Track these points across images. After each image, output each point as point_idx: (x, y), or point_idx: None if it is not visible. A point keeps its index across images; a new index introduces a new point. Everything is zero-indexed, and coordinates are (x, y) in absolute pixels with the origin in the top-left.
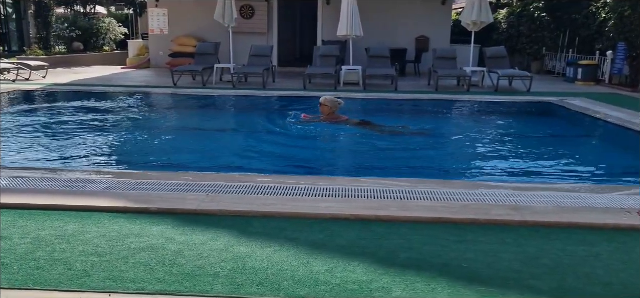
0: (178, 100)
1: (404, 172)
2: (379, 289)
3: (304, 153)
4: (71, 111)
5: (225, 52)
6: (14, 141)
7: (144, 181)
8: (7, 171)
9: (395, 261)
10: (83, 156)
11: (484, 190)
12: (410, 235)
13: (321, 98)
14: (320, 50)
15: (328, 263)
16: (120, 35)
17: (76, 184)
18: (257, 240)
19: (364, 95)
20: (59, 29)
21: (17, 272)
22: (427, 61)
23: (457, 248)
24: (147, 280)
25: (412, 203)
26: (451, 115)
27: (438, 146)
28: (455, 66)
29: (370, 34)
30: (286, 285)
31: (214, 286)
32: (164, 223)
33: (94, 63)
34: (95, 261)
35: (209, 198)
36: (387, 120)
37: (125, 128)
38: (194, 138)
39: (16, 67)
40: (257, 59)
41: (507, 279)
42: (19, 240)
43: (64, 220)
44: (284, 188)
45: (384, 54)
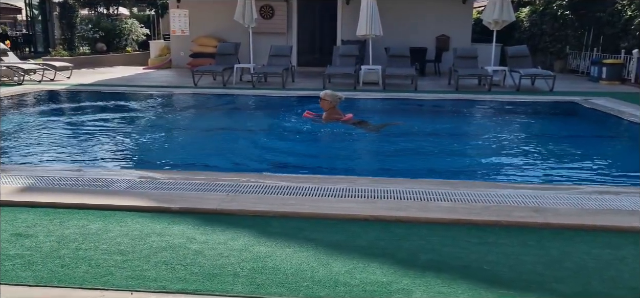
0: (199, 100)
1: (424, 173)
2: (399, 291)
3: (321, 153)
4: (95, 111)
5: (245, 53)
6: (40, 141)
7: (165, 181)
8: (33, 169)
9: (415, 262)
10: (106, 156)
11: (505, 191)
12: (430, 237)
13: (321, 93)
14: (340, 50)
15: (348, 264)
16: (142, 36)
17: (100, 184)
18: (276, 240)
19: (383, 95)
20: (83, 30)
21: (42, 270)
22: (447, 60)
23: (478, 250)
24: (168, 279)
25: (432, 204)
26: (472, 115)
27: (458, 147)
28: (476, 65)
29: (390, 34)
30: (306, 285)
31: (234, 286)
32: (185, 222)
33: (116, 64)
34: (118, 260)
35: (229, 198)
36: (406, 120)
37: (147, 128)
38: (214, 138)
39: (42, 68)
40: (277, 59)
41: (529, 282)
42: (44, 238)
43: (88, 218)
44: (304, 189)
45: (404, 54)
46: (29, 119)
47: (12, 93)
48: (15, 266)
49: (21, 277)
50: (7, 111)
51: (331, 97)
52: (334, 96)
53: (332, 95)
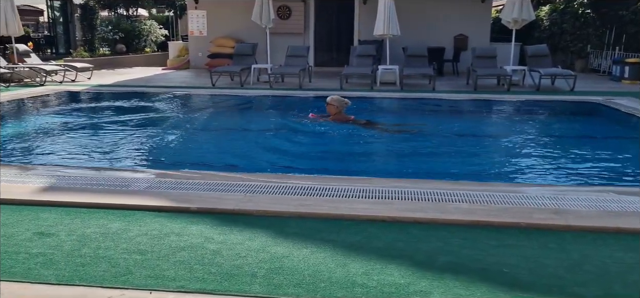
0: (217, 100)
1: (442, 174)
2: (417, 293)
3: (337, 153)
4: (115, 112)
5: (262, 53)
6: (61, 141)
7: (183, 181)
8: (55, 169)
9: (433, 264)
10: (126, 156)
11: (525, 193)
12: (448, 238)
13: (328, 98)
14: (357, 50)
15: (365, 265)
16: (161, 37)
17: (119, 184)
18: (294, 241)
19: (401, 95)
20: (103, 31)
21: (64, 269)
22: (466, 60)
23: (497, 253)
24: (187, 279)
25: (450, 205)
26: (491, 115)
27: (477, 148)
28: (495, 65)
29: (408, 33)
30: (323, 286)
31: (252, 286)
32: (203, 222)
33: (136, 64)
34: (138, 259)
35: (246, 199)
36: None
37: (165, 128)
38: (232, 138)
39: (63, 69)
40: (294, 59)
41: (550, 286)
42: (66, 237)
43: (108, 218)
44: (321, 189)
45: (422, 54)
46: (51, 119)
47: (34, 94)
48: (38, 264)
49: (43, 275)
50: (30, 111)
51: (337, 103)
52: (341, 101)
53: (339, 100)
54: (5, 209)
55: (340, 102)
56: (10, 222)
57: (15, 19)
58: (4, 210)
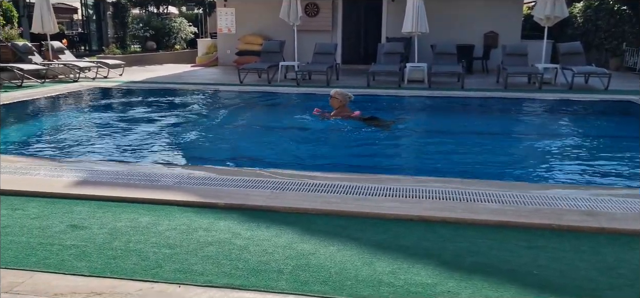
0: (244, 97)
1: (470, 173)
2: (444, 293)
3: (364, 151)
4: (145, 108)
5: (290, 50)
6: (94, 136)
7: (212, 177)
8: (88, 164)
9: (461, 265)
10: (155, 151)
11: (556, 194)
12: (477, 239)
13: (332, 91)
14: (385, 47)
15: (392, 264)
16: (190, 35)
17: (149, 178)
18: (320, 238)
19: (429, 93)
20: (135, 29)
21: (96, 261)
22: (496, 58)
23: (528, 254)
24: (214, 274)
25: (479, 205)
26: (521, 114)
27: (507, 147)
28: (526, 62)
29: (437, 31)
30: (349, 284)
31: (278, 282)
32: (230, 218)
33: (165, 61)
34: (167, 253)
35: (273, 195)
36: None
37: (194, 125)
38: (259, 135)
39: (96, 65)
40: (322, 56)
41: (582, 289)
42: (98, 230)
43: (138, 212)
44: (347, 187)
45: (451, 51)
46: (84, 115)
47: (68, 90)
48: (71, 256)
49: (77, 266)
50: (64, 107)
51: (341, 96)
52: (344, 94)
53: (342, 94)
54: (41, 202)
55: (344, 96)
56: (45, 214)
57: (51, 17)
58: (40, 203)
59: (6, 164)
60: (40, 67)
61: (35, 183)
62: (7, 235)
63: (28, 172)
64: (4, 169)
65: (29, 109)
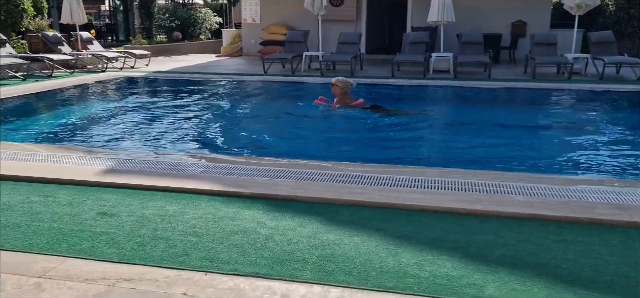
0: (268, 87)
1: (497, 165)
2: (470, 286)
3: (387, 142)
4: (171, 97)
5: (314, 40)
6: (122, 125)
7: (237, 166)
8: (116, 152)
9: (488, 258)
10: (181, 140)
11: (586, 187)
12: (504, 232)
13: (333, 79)
14: (410, 37)
15: (417, 256)
16: (215, 25)
17: (176, 167)
18: (344, 229)
19: (454, 83)
20: (161, 19)
21: (125, 248)
22: (524, 47)
23: (556, 248)
24: (240, 262)
25: (506, 197)
26: (550, 105)
27: (535, 138)
28: (555, 52)
29: (463, 20)
30: (374, 275)
31: (303, 272)
32: (255, 207)
33: (191, 52)
34: (194, 241)
35: (298, 185)
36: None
37: (218, 114)
38: (283, 125)
39: (123, 56)
40: (346, 46)
41: (612, 284)
42: (126, 217)
43: (165, 200)
44: (371, 178)
45: (477, 41)
46: (112, 104)
47: (96, 80)
48: (101, 243)
49: (106, 253)
50: (93, 96)
51: (342, 84)
52: (345, 82)
53: (344, 81)
54: (72, 189)
55: (345, 83)
56: (76, 201)
57: (80, 8)
58: (70, 190)
59: (38, 152)
60: (69, 57)
61: (66, 171)
62: (40, 221)
63: (59, 160)
64: (36, 157)
65: (59, 98)
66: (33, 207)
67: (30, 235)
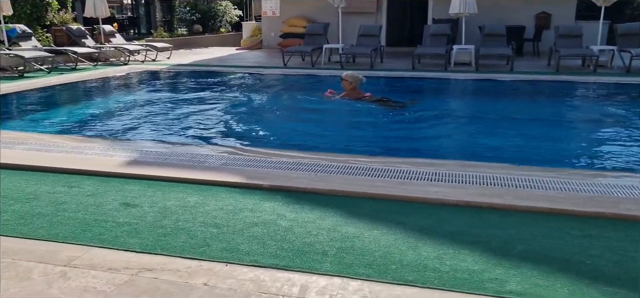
0: (288, 80)
1: (520, 159)
2: (492, 280)
3: (406, 134)
4: (192, 90)
5: (334, 33)
6: (143, 117)
7: (256, 159)
8: (138, 144)
9: (510, 252)
10: (202, 133)
11: (611, 181)
12: (526, 226)
13: (343, 74)
14: (431, 29)
15: (437, 249)
16: (235, 18)
17: (196, 159)
18: (364, 222)
19: (476, 76)
20: (182, 12)
21: (147, 238)
22: (547, 39)
23: (580, 243)
24: (260, 254)
25: (529, 191)
26: (574, 98)
27: (559, 132)
28: (580, 44)
29: (485, 12)
30: (394, 268)
31: (322, 264)
32: (275, 199)
33: (211, 44)
34: (214, 232)
35: (318, 178)
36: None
37: (238, 107)
38: (302, 117)
39: (145, 49)
40: (366, 39)
41: (638, 281)
42: (148, 208)
43: (186, 192)
44: (392, 171)
45: (500, 33)
46: (134, 96)
47: (119, 73)
48: (124, 233)
49: (129, 243)
50: (115, 89)
51: (351, 79)
52: (355, 77)
53: (353, 76)
54: (95, 180)
55: (355, 79)
56: (99, 192)
57: (103, 1)
58: (94, 181)
59: (62, 143)
60: (92, 50)
61: (90, 162)
62: (65, 211)
63: (83, 151)
64: (61, 148)
65: (83, 91)
66: (58, 197)
67: (56, 225)
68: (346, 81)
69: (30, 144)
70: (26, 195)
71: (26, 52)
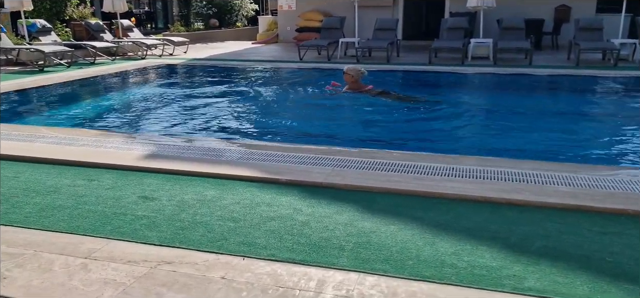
0: (304, 74)
1: (539, 154)
2: (510, 277)
3: (423, 129)
4: (209, 84)
5: (350, 27)
6: (161, 111)
7: (273, 153)
8: (156, 138)
9: (528, 249)
10: (219, 127)
11: (632, 178)
12: (545, 223)
13: (345, 67)
14: (448, 22)
15: (454, 245)
16: (251, 12)
17: (214, 153)
18: (381, 217)
19: (494, 70)
20: (198, 7)
21: (165, 231)
22: (567, 32)
23: (601, 240)
24: (277, 248)
25: (548, 187)
26: (593, 93)
27: (578, 127)
28: (601, 37)
29: (504, 5)
30: (411, 264)
31: (339, 259)
32: (292, 194)
33: (227, 39)
34: (231, 226)
35: (334, 172)
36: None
37: (255, 100)
38: (318, 112)
39: (162, 43)
40: (382, 32)
41: None
42: (167, 201)
43: (204, 186)
44: (408, 166)
45: (519, 26)
46: (152, 90)
47: (137, 67)
48: (142, 226)
49: (148, 236)
50: (133, 83)
51: (353, 72)
52: (357, 70)
53: (355, 70)
54: (114, 173)
55: (357, 72)
56: (118, 185)
57: None
58: (113, 174)
59: (82, 137)
60: (110, 44)
61: (109, 156)
62: (85, 204)
63: (102, 145)
64: (80, 142)
65: (102, 85)
66: (78, 190)
67: (76, 217)
68: (348, 74)
69: (50, 137)
70: (47, 188)
71: (46, 47)
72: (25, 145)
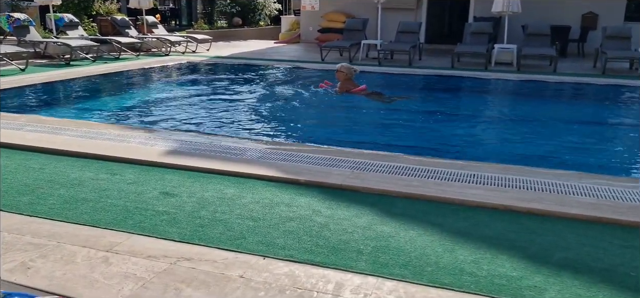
0: (325, 75)
1: (561, 164)
2: (530, 288)
3: (443, 134)
4: (230, 82)
5: (373, 29)
6: (183, 107)
7: (293, 153)
8: (178, 134)
9: (549, 260)
10: (240, 125)
11: None
12: (567, 234)
13: (337, 65)
14: (472, 27)
15: (474, 253)
16: (274, 11)
17: (234, 152)
18: (400, 221)
19: (517, 76)
20: (222, 5)
21: (185, 228)
22: (594, 40)
23: (623, 254)
24: (295, 249)
25: (570, 198)
26: (619, 103)
27: (602, 137)
28: (629, 46)
29: (529, 10)
30: (430, 270)
31: (358, 262)
32: (310, 195)
33: (250, 37)
34: (251, 225)
35: (353, 175)
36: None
37: (275, 100)
38: (338, 114)
39: (185, 40)
40: (405, 35)
41: None
42: (187, 198)
43: (224, 184)
44: (429, 171)
45: (544, 32)
46: (175, 87)
47: (160, 63)
48: (163, 222)
49: (168, 232)
50: (157, 79)
51: (346, 70)
52: (350, 68)
53: (348, 68)
54: (136, 168)
55: (349, 70)
56: (140, 180)
57: None
58: (135, 169)
59: (106, 131)
60: (135, 40)
61: (132, 151)
62: (108, 197)
63: (125, 140)
64: (104, 135)
65: (126, 80)
66: (101, 184)
67: (99, 211)
68: (341, 73)
69: (75, 130)
70: (71, 181)
71: (73, 41)
72: (50, 137)
